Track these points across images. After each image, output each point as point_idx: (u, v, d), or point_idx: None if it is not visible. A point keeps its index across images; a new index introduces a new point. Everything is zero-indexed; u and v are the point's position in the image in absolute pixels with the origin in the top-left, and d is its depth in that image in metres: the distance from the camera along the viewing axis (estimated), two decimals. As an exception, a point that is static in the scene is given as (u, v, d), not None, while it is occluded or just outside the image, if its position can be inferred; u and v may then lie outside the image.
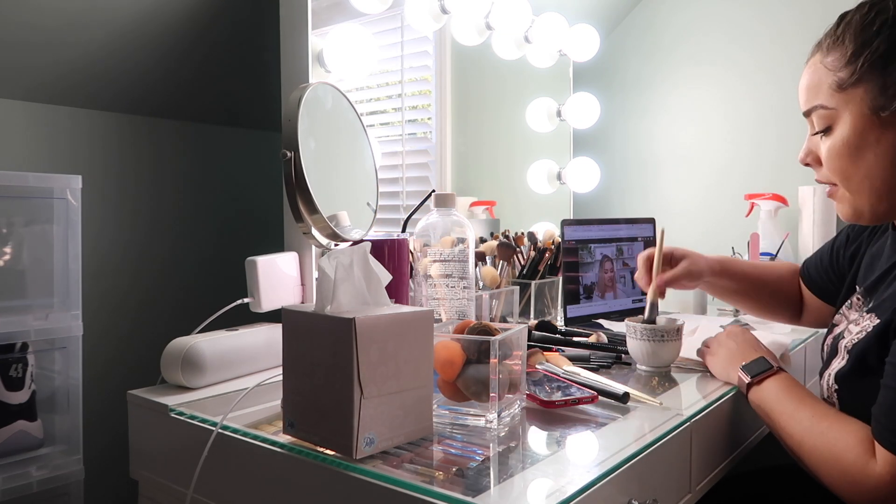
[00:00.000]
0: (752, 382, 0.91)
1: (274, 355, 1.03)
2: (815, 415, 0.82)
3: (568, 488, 0.62)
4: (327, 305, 0.71)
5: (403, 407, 0.72)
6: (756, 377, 0.90)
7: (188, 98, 1.40)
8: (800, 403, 0.85)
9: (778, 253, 1.62)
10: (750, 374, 0.91)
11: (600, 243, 1.51)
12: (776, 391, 0.88)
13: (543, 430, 0.81)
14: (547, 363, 0.99)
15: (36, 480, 0.97)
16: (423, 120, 1.62)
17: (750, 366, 0.92)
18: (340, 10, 1.28)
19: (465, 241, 1.06)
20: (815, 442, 0.80)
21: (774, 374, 0.90)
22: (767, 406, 0.88)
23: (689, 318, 1.49)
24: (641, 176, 2.06)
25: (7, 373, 0.97)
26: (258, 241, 1.33)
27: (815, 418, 0.82)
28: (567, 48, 1.77)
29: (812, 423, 0.82)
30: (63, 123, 1.25)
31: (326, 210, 0.82)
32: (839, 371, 0.87)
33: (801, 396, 0.86)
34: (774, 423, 0.87)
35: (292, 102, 0.81)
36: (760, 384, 0.90)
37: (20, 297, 1.00)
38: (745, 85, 1.87)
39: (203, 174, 1.46)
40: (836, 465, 0.78)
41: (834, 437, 0.79)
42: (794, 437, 0.83)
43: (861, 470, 0.75)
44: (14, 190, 0.98)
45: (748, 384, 0.91)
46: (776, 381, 0.89)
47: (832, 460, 0.78)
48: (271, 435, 0.77)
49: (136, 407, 0.94)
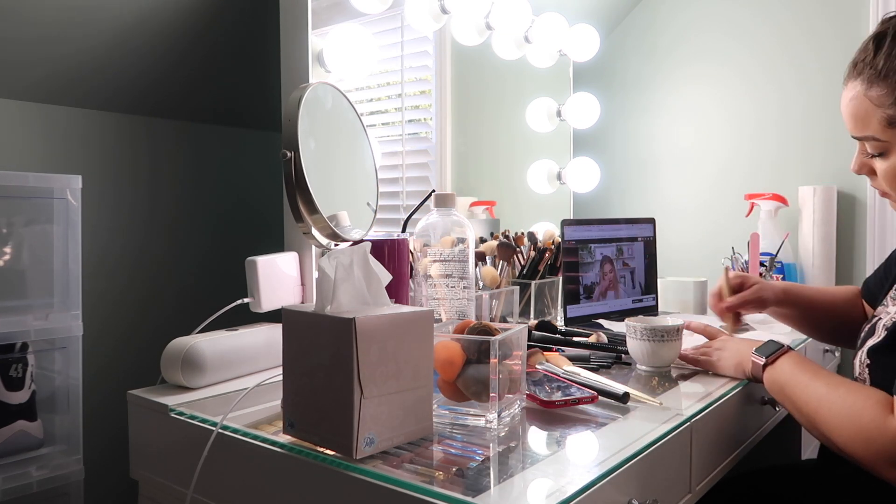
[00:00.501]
0: (767, 363, 0.93)
1: (274, 355, 1.03)
2: (829, 384, 0.85)
3: (568, 488, 0.62)
4: (327, 305, 0.71)
5: (403, 407, 0.72)
6: (770, 356, 0.93)
7: (188, 98, 1.40)
8: (814, 375, 0.88)
9: (778, 253, 1.62)
10: (764, 354, 0.94)
11: (600, 243, 1.51)
12: (790, 366, 0.91)
13: (543, 430, 0.81)
14: (547, 363, 0.99)
15: (36, 480, 0.97)
16: (423, 120, 1.62)
17: (762, 348, 0.96)
18: (340, 10, 1.28)
19: (464, 240, 1.06)
20: (832, 407, 0.83)
21: (787, 353, 0.93)
22: (783, 381, 0.91)
23: (689, 318, 1.49)
24: (641, 176, 2.06)
25: (7, 373, 0.97)
26: (258, 241, 1.33)
27: (830, 387, 0.85)
28: (567, 48, 1.77)
29: (828, 391, 0.84)
30: (63, 123, 1.25)
31: (326, 210, 0.82)
32: (873, 346, 0.89)
33: (816, 369, 0.89)
34: (790, 397, 0.89)
35: (292, 102, 0.81)
36: (775, 363, 0.93)
37: (20, 297, 1.00)
38: (745, 85, 1.87)
39: (203, 174, 1.46)
40: (853, 426, 0.80)
41: (851, 401, 0.81)
42: (810, 404, 0.86)
43: (879, 426, 0.77)
44: (14, 190, 0.98)
45: (763, 365, 0.94)
46: (790, 358, 0.92)
47: (848, 422, 0.80)
48: (271, 435, 0.77)
49: (136, 407, 0.94)
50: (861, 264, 1.71)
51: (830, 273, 1.70)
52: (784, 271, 1.67)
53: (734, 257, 1.62)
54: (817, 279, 1.69)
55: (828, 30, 1.71)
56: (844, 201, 1.71)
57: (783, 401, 0.92)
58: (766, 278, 1.58)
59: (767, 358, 0.93)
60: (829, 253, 1.70)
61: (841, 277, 1.72)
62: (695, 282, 1.62)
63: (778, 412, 1.13)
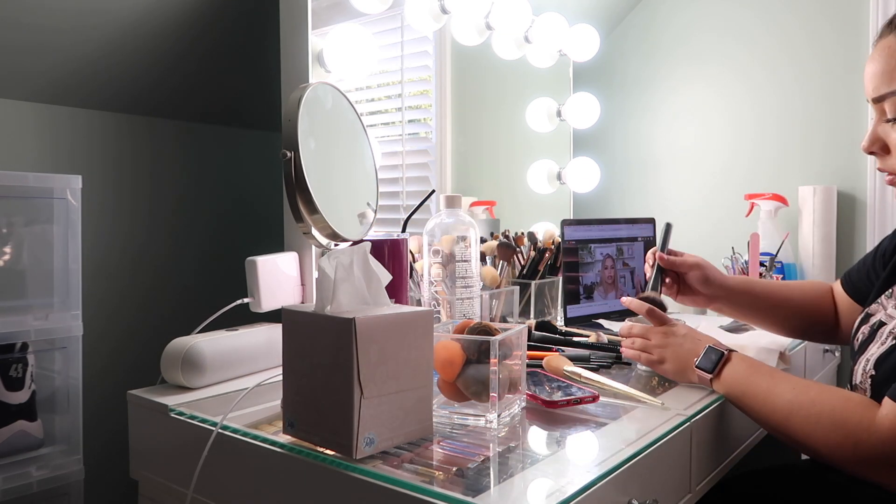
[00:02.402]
0: (713, 377, 0.90)
1: (274, 355, 1.03)
2: (794, 387, 0.82)
3: (568, 488, 0.62)
4: (327, 305, 0.71)
5: (403, 407, 0.72)
6: (715, 369, 0.89)
7: (188, 98, 1.40)
8: (771, 380, 0.84)
9: (778, 253, 1.62)
10: (707, 368, 0.90)
11: (600, 243, 1.51)
12: (740, 374, 0.87)
13: (543, 430, 0.81)
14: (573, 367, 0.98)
15: (36, 480, 0.97)
16: (423, 120, 1.62)
17: (703, 360, 0.91)
18: (340, 10, 1.28)
19: (465, 239, 1.06)
20: (808, 414, 0.79)
21: (729, 360, 0.89)
22: (738, 392, 0.87)
23: (689, 318, 1.49)
24: (641, 176, 2.06)
25: (7, 373, 0.97)
26: (258, 241, 1.33)
27: (796, 391, 0.81)
28: (567, 48, 1.77)
29: (796, 395, 0.80)
30: (63, 123, 1.25)
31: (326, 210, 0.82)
32: (881, 355, 0.85)
33: (770, 373, 0.86)
34: (752, 407, 0.85)
35: (292, 102, 0.81)
36: (721, 374, 0.89)
37: (20, 297, 1.00)
38: (745, 85, 1.87)
39: (203, 174, 1.46)
40: (838, 432, 0.76)
41: (830, 406, 0.77)
42: (777, 412, 0.82)
43: (867, 429, 0.74)
44: (14, 190, 0.98)
45: (710, 379, 0.90)
46: (736, 365, 0.88)
47: (831, 428, 0.77)
48: (271, 435, 0.77)
49: (136, 407, 0.94)
50: (861, 264, 1.71)
51: (830, 273, 1.70)
52: (784, 271, 1.67)
53: (734, 257, 1.62)
54: (817, 279, 1.69)
55: (828, 30, 1.71)
56: (844, 201, 1.71)
57: (744, 410, 0.87)
58: (765, 278, 1.58)
59: (713, 371, 0.89)
60: (829, 253, 1.70)
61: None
62: (695, 282, 1.62)
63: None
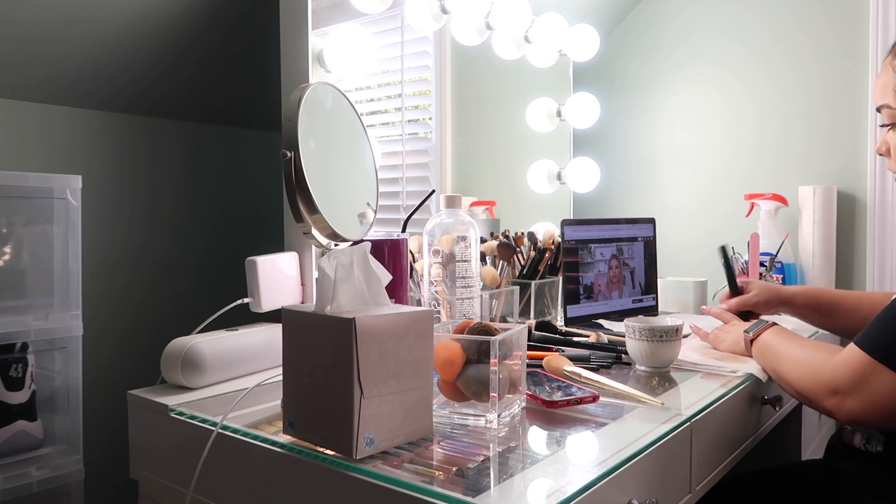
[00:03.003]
0: (752, 338, 1.06)
1: (274, 355, 1.03)
2: (803, 346, 0.96)
3: (568, 488, 0.62)
4: (327, 305, 0.71)
5: (403, 407, 0.72)
6: (755, 332, 1.06)
7: (188, 98, 1.39)
8: (791, 341, 0.99)
9: (778, 253, 1.62)
10: (750, 332, 1.07)
11: (600, 243, 1.51)
12: (772, 337, 1.03)
13: (543, 430, 0.81)
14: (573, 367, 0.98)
15: (36, 480, 0.97)
16: (423, 120, 1.62)
17: (749, 328, 1.09)
18: (340, 10, 1.28)
19: (465, 239, 1.06)
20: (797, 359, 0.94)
21: (770, 327, 1.05)
22: (763, 349, 1.03)
23: (689, 318, 1.49)
24: (641, 176, 2.06)
25: (7, 373, 0.97)
26: (258, 241, 1.33)
27: (801, 347, 0.96)
28: (567, 48, 1.77)
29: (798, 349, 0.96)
30: (63, 123, 1.25)
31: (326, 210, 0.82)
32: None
33: (794, 337, 1.00)
34: (768, 360, 1.01)
35: (292, 102, 0.81)
36: (759, 336, 1.05)
37: (20, 297, 1.00)
38: (745, 85, 1.87)
39: (203, 174, 1.46)
40: (805, 365, 0.92)
41: (814, 352, 0.92)
42: (779, 359, 0.98)
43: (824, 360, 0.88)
44: (14, 190, 0.98)
45: (751, 340, 1.06)
46: (773, 331, 1.04)
47: (804, 363, 0.92)
48: (271, 435, 0.77)
49: (136, 407, 0.94)
50: (861, 264, 1.71)
51: (830, 273, 1.70)
52: (784, 271, 1.67)
53: (734, 257, 1.62)
54: (817, 279, 1.69)
55: (828, 30, 1.71)
56: (844, 201, 1.71)
57: (764, 366, 1.02)
58: (765, 278, 1.59)
59: (753, 334, 1.06)
60: (829, 253, 1.70)
61: (841, 277, 1.72)
62: (695, 282, 1.62)
63: (777, 412, 1.13)
